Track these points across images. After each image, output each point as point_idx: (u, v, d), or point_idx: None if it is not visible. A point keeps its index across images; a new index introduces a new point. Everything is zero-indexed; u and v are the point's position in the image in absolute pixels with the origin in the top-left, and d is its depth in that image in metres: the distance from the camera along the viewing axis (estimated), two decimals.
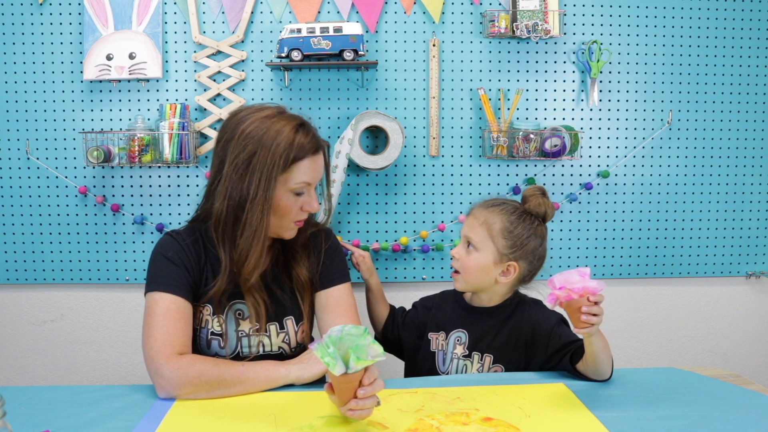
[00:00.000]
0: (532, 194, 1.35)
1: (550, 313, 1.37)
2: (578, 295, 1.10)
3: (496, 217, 1.33)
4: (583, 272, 1.11)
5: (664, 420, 1.04)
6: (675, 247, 2.02)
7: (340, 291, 1.38)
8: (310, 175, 1.27)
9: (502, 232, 1.32)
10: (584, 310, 1.10)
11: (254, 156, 1.21)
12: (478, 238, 1.33)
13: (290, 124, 1.24)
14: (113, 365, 1.99)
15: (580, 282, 1.10)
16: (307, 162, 1.25)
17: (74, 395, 1.17)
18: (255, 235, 1.23)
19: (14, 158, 1.89)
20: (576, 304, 1.11)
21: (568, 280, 1.11)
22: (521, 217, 1.34)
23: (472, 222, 1.35)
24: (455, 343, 1.38)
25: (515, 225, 1.33)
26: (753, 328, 2.11)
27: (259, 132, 1.22)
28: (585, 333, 1.13)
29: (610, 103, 1.97)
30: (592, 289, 1.10)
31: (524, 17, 1.86)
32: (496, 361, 1.35)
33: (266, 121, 1.24)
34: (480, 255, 1.33)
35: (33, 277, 1.93)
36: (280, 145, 1.21)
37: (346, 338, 0.98)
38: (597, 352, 1.17)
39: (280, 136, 1.22)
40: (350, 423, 1.04)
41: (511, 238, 1.32)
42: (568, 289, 1.10)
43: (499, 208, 1.35)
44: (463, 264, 1.35)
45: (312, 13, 1.88)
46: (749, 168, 2.02)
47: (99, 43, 1.84)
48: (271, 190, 1.22)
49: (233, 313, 1.32)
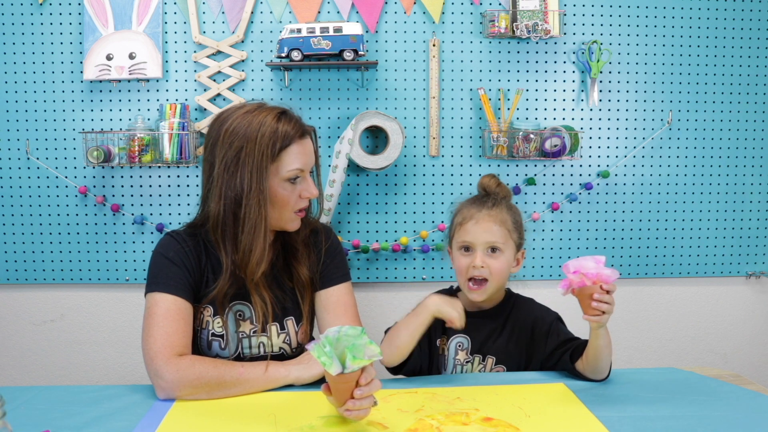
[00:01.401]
0: (489, 181, 1.38)
1: (546, 310, 1.38)
2: (592, 281, 1.10)
3: (503, 214, 1.34)
4: (598, 259, 1.11)
5: (664, 420, 1.04)
6: (675, 247, 2.02)
7: (341, 291, 1.38)
8: (301, 161, 1.27)
9: (514, 225, 1.34)
10: (596, 297, 1.10)
11: (242, 151, 1.22)
12: (503, 239, 1.31)
13: (272, 113, 1.26)
14: (113, 365, 1.99)
15: (594, 269, 1.10)
16: (295, 147, 1.26)
17: (74, 395, 1.17)
18: (256, 229, 1.24)
19: (14, 158, 1.89)
20: (588, 291, 1.10)
21: (583, 265, 1.11)
22: (509, 204, 1.37)
23: (488, 226, 1.31)
24: (456, 348, 1.38)
25: (515, 213, 1.36)
26: (753, 328, 2.11)
27: (242, 127, 1.24)
28: (594, 321, 1.13)
29: (610, 103, 1.97)
30: (606, 277, 1.10)
31: (524, 17, 1.86)
32: (499, 362, 1.35)
33: (248, 116, 1.25)
34: (504, 256, 1.32)
35: (33, 277, 1.93)
36: (265, 135, 1.23)
37: (343, 339, 0.98)
38: (601, 347, 1.17)
39: (264, 127, 1.23)
40: (350, 423, 1.04)
41: (518, 227, 1.35)
42: (582, 273, 1.10)
43: (500, 203, 1.36)
44: (493, 270, 1.30)
45: (312, 13, 1.88)
46: (749, 168, 2.02)
47: (99, 43, 1.84)
48: (264, 181, 1.23)
49: (234, 314, 1.32)
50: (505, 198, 1.38)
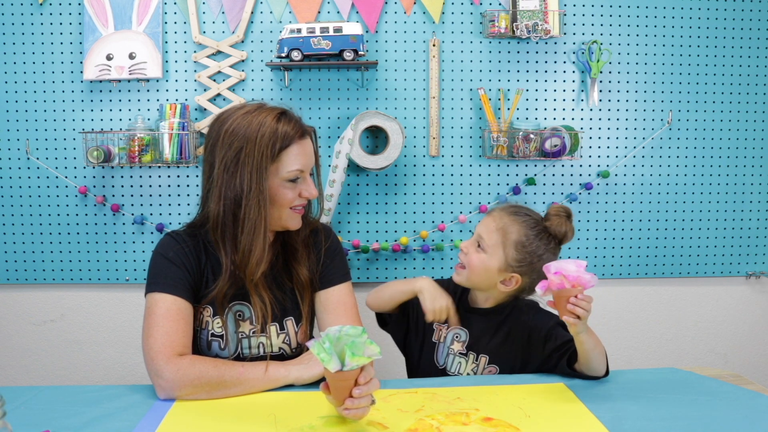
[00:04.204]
0: (556, 214, 1.32)
1: (546, 316, 1.35)
2: (571, 284, 1.10)
3: (514, 227, 1.31)
4: (579, 263, 1.11)
5: (664, 420, 1.04)
6: (675, 247, 2.02)
7: (341, 291, 1.38)
8: (301, 161, 1.27)
9: (515, 244, 1.30)
10: (572, 301, 1.10)
11: (241, 151, 1.22)
12: (491, 242, 1.32)
13: (272, 114, 1.26)
14: (113, 365, 1.99)
15: (575, 272, 1.10)
16: (295, 148, 1.26)
17: (74, 395, 1.17)
18: (255, 230, 1.24)
19: (14, 158, 1.89)
20: (566, 294, 1.11)
21: (564, 268, 1.11)
22: (540, 234, 1.31)
23: (490, 223, 1.33)
24: (453, 338, 1.38)
25: (531, 240, 1.30)
26: (753, 328, 2.11)
27: (242, 128, 1.23)
28: (570, 323, 1.13)
29: (610, 103, 1.97)
30: (586, 281, 1.10)
31: (524, 17, 1.86)
32: (492, 361, 1.35)
33: (248, 117, 1.25)
34: (487, 258, 1.32)
35: (33, 277, 1.93)
36: (265, 135, 1.23)
37: (343, 337, 0.98)
38: (588, 350, 1.18)
39: (264, 127, 1.23)
40: (350, 423, 1.04)
41: (523, 252, 1.30)
42: (563, 275, 1.10)
43: (521, 218, 1.32)
44: (469, 260, 1.33)
45: (312, 13, 1.88)
46: (749, 168, 2.02)
47: (99, 43, 1.84)
48: (263, 181, 1.23)
49: (233, 314, 1.31)
50: (545, 230, 1.32)
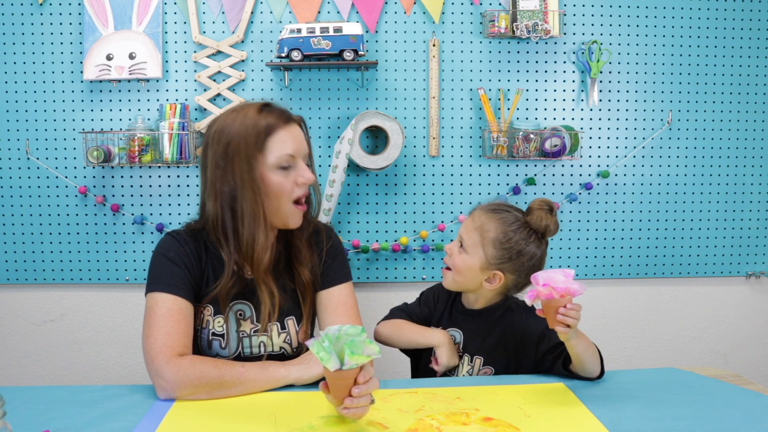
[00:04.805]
0: (538, 208, 1.31)
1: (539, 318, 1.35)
2: (560, 294, 1.10)
3: (492, 225, 1.31)
4: (567, 273, 1.11)
5: (664, 420, 1.04)
6: (675, 247, 2.02)
7: (342, 291, 1.38)
8: (289, 146, 1.28)
9: (493, 242, 1.30)
10: (561, 311, 1.10)
11: (228, 146, 1.25)
12: (470, 242, 1.33)
13: (254, 107, 1.29)
14: (113, 365, 1.99)
15: (563, 282, 1.10)
16: (281, 133, 1.27)
17: (74, 395, 1.16)
18: (255, 220, 1.25)
19: (14, 158, 1.89)
20: (555, 304, 1.11)
21: (552, 278, 1.11)
22: (519, 229, 1.30)
23: (469, 224, 1.35)
24: None
25: (509, 237, 1.30)
26: (753, 328, 2.11)
27: (227, 125, 1.27)
28: (560, 332, 1.13)
29: (610, 103, 1.97)
30: (574, 291, 1.10)
31: (524, 17, 1.86)
32: (487, 363, 1.36)
33: (232, 114, 1.29)
34: (468, 258, 1.32)
35: (33, 277, 1.93)
36: (248, 126, 1.26)
37: (342, 337, 0.98)
38: (580, 354, 1.18)
39: (247, 119, 1.26)
40: (350, 423, 1.04)
41: (501, 249, 1.30)
42: (551, 287, 1.10)
43: (499, 215, 1.32)
44: (453, 261, 1.35)
45: (312, 13, 1.88)
46: (749, 168, 2.02)
47: (99, 43, 1.84)
48: (254, 170, 1.25)
49: (234, 313, 1.32)
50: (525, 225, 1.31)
